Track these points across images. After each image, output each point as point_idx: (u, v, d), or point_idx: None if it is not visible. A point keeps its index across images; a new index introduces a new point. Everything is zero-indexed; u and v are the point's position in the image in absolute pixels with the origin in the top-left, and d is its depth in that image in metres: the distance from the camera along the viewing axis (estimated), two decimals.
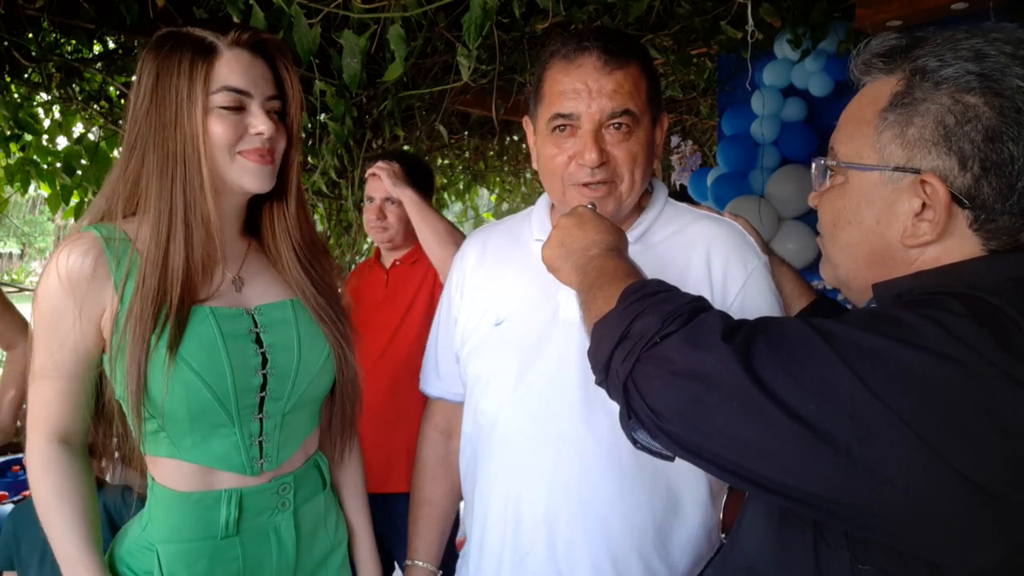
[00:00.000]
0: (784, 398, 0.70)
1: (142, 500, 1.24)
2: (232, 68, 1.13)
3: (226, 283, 1.22)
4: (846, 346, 0.71)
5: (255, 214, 1.30)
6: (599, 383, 0.86)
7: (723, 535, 1.26)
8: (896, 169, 0.80)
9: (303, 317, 1.27)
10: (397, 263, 2.46)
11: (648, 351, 0.78)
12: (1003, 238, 0.78)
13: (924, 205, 0.79)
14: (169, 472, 1.18)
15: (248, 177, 1.17)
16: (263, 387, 1.19)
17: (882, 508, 0.69)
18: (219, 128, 1.13)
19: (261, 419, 1.20)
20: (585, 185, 1.21)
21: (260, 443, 1.20)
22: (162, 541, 1.17)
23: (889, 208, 0.81)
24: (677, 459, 0.83)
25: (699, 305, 0.82)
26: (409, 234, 2.41)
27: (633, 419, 0.81)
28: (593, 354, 0.87)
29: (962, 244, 0.79)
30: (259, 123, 1.15)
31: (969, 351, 0.67)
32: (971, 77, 0.75)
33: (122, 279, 1.12)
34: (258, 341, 1.20)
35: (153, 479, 1.20)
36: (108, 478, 1.90)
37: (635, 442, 0.85)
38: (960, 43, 0.77)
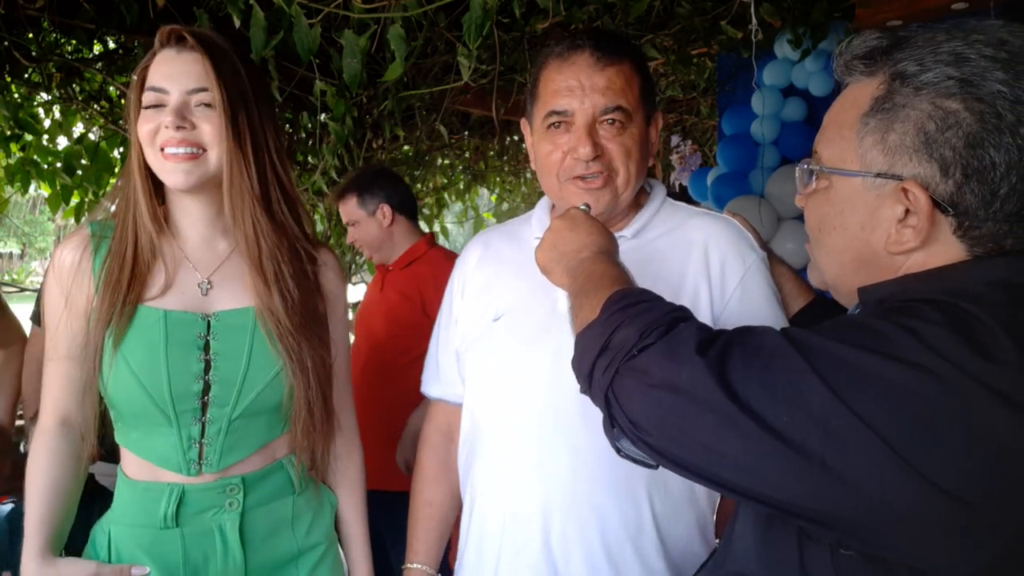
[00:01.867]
0: (758, 410, 0.70)
1: None
2: (158, 68, 1.19)
3: (192, 285, 1.25)
4: (819, 357, 0.71)
5: None
6: (583, 392, 0.87)
7: (716, 540, 1.27)
8: (878, 175, 0.79)
9: (261, 327, 1.26)
10: (389, 268, 2.62)
11: (627, 363, 0.79)
12: (988, 244, 0.77)
13: (907, 211, 0.78)
14: (125, 460, 1.27)
15: (168, 174, 1.19)
16: (206, 392, 1.21)
17: (859, 517, 0.69)
18: (143, 127, 1.19)
19: (204, 423, 1.22)
20: (580, 178, 1.23)
21: (201, 446, 1.22)
22: (114, 523, 1.25)
23: (873, 214, 0.81)
24: None
25: (678, 316, 0.82)
26: (389, 242, 2.58)
27: (616, 428, 0.81)
28: (577, 364, 0.87)
29: (947, 250, 0.78)
30: (165, 115, 1.17)
31: (941, 360, 0.67)
32: (951, 82, 0.74)
33: (98, 273, 1.20)
34: (206, 347, 1.22)
35: (120, 465, 1.28)
36: None
37: (618, 450, 0.86)
38: (940, 46, 0.76)
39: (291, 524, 1.31)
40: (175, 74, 1.18)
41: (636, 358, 0.79)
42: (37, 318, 2.30)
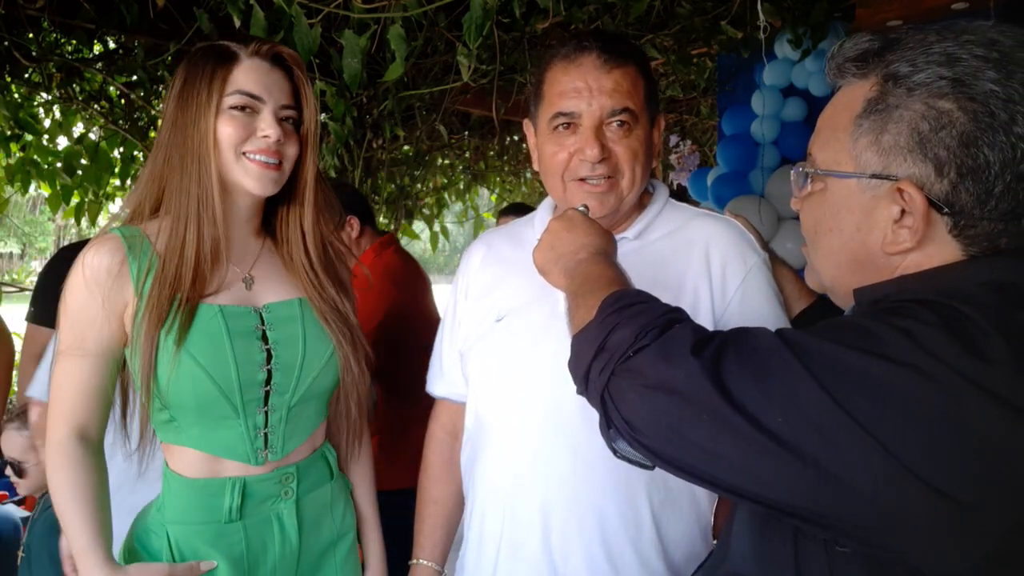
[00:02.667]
0: (752, 411, 0.71)
1: None
2: (248, 74, 1.21)
3: (236, 281, 1.29)
4: (813, 358, 0.71)
5: (271, 215, 1.36)
6: (580, 393, 0.87)
7: (714, 541, 1.27)
8: (873, 176, 0.79)
9: (309, 315, 1.32)
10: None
11: (622, 364, 0.79)
12: (983, 244, 0.77)
13: (903, 212, 0.78)
14: (180, 459, 1.26)
15: (250, 180, 1.23)
16: (268, 381, 1.25)
17: (853, 517, 0.69)
18: (228, 128, 1.20)
19: (266, 412, 1.26)
20: (585, 180, 1.23)
21: (265, 435, 1.26)
22: (172, 523, 1.25)
23: (868, 215, 0.81)
24: None
25: (673, 317, 0.82)
26: (359, 252, 2.66)
27: (612, 429, 0.82)
28: (573, 365, 0.88)
29: (942, 250, 0.79)
30: (267, 127, 1.21)
31: (934, 361, 0.67)
32: (944, 82, 0.74)
33: (141, 277, 1.20)
34: (264, 338, 1.26)
35: (167, 465, 1.28)
36: None
37: (615, 451, 0.86)
38: (932, 47, 0.76)
39: (330, 509, 1.37)
40: (272, 87, 1.23)
41: (632, 359, 0.79)
42: (34, 317, 2.32)
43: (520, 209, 3.55)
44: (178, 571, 1.21)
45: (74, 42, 3.30)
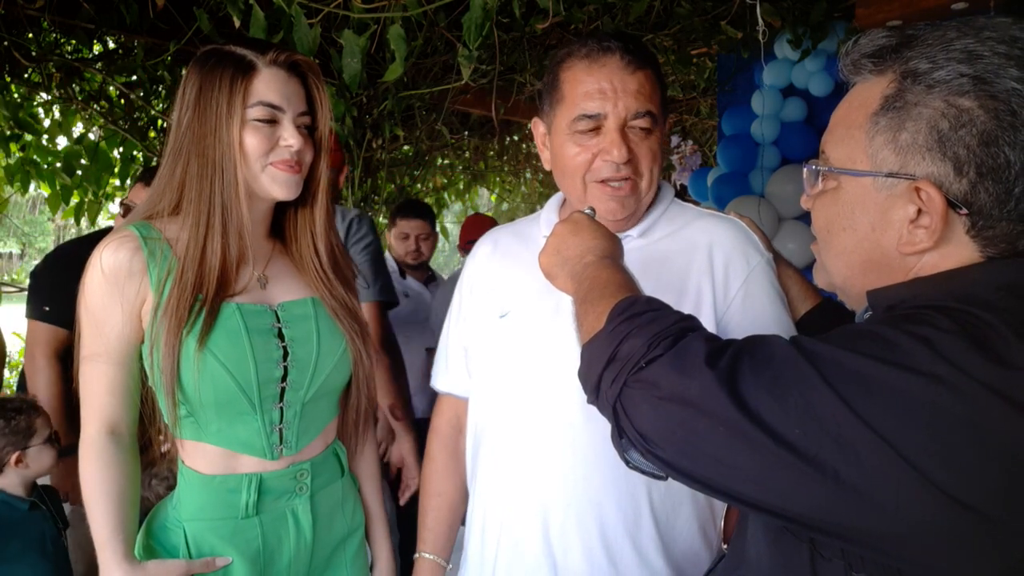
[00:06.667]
0: (770, 423, 0.69)
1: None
2: (268, 85, 1.23)
3: (252, 281, 1.31)
4: (831, 368, 0.69)
5: (280, 218, 1.39)
6: (590, 402, 0.86)
7: (724, 545, 1.26)
8: (890, 175, 0.77)
9: (322, 314, 1.35)
10: None
11: (635, 375, 0.77)
12: (1001, 245, 0.76)
13: (920, 211, 0.76)
14: (196, 455, 1.28)
15: (277, 186, 1.26)
16: (284, 378, 1.28)
17: (873, 529, 0.68)
18: (253, 140, 1.22)
19: (282, 408, 1.28)
20: (607, 182, 1.23)
21: (280, 430, 1.29)
22: (188, 519, 1.27)
23: (884, 214, 0.79)
24: None
25: (685, 326, 0.81)
26: None
27: (624, 439, 0.80)
28: (583, 375, 0.86)
29: (959, 251, 0.77)
30: (289, 136, 1.24)
31: (956, 370, 0.66)
32: (964, 80, 0.73)
33: (160, 274, 1.21)
34: (280, 335, 1.29)
35: (183, 462, 1.30)
36: None
37: (627, 462, 0.85)
38: (952, 43, 0.75)
39: (341, 506, 1.40)
40: (290, 96, 1.26)
41: (644, 370, 0.77)
42: (34, 314, 2.34)
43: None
44: (195, 567, 1.23)
45: (74, 42, 3.31)
